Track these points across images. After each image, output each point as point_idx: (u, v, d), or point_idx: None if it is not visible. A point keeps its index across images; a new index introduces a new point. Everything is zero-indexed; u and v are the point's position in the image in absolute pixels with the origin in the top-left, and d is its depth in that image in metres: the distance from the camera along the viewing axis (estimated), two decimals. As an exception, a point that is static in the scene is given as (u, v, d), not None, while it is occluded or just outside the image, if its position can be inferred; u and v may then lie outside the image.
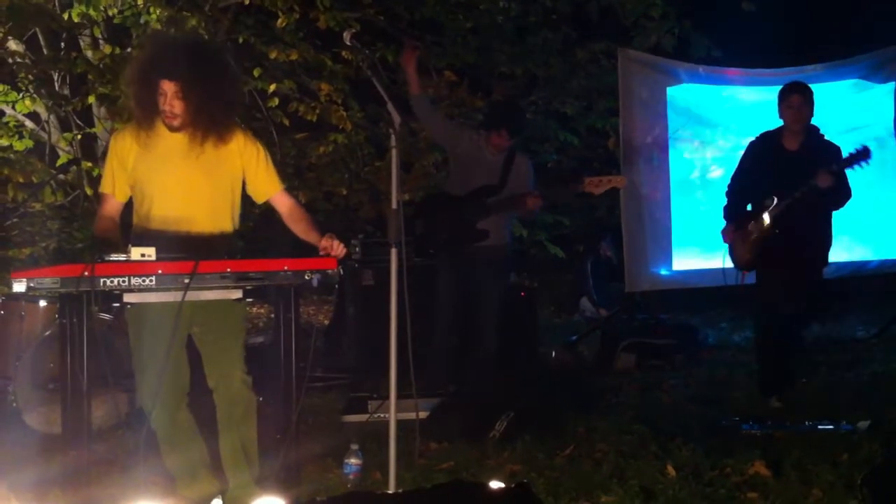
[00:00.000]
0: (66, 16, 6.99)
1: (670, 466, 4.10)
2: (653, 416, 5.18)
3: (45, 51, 7.50)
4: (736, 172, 5.70)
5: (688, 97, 8.11)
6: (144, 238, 3.51)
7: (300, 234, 3.82)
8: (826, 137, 5.55)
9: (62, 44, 7.44)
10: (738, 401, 5.65)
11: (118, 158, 3.69)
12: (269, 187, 3.82)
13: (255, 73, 7.84)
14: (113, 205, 3.75)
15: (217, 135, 3.63)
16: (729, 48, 8.57)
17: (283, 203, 3.85)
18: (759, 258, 5.48)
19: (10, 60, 7.15)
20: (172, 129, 3.59)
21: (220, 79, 3.61)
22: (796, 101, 5.40)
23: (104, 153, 5.73)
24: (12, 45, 7.23)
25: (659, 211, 7.87)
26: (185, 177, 3.64)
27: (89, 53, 7.29)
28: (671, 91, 7.95)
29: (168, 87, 3.52)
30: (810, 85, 5.55)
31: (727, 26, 8.67)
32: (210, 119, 3.58)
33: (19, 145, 7.45)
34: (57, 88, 7.51)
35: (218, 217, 3.70)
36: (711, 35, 8.48)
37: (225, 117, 3.65)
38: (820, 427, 4.70)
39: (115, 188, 3.72)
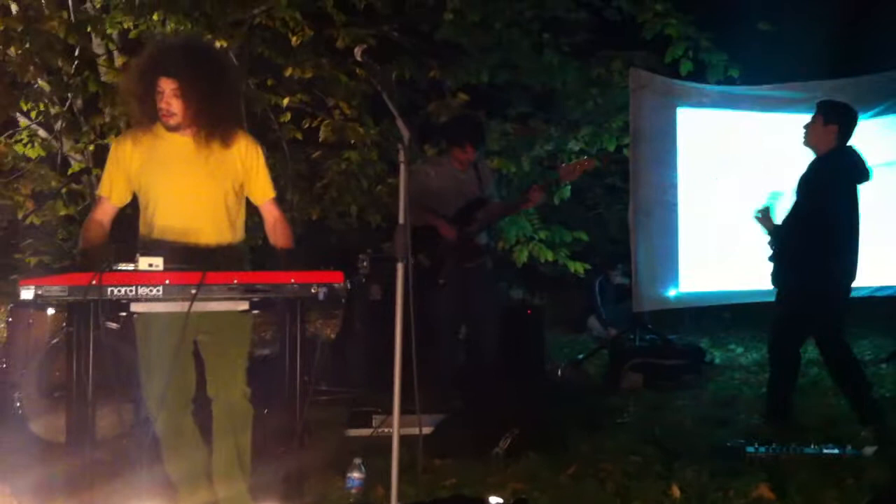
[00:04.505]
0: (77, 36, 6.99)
1: (675, 487, 4.09)
2: (658, 436, 5.16)
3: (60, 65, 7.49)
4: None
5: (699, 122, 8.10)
6: (151, 248, 3.49)
7: (276, 244, 3.85)
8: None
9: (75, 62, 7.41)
10: (745, 423, 5.63)
11: (118, 163, 3.70)
12: (266, 190, 3.83)
13: (269, 83, 7.85)
14: (107, 208, 3.76)
15: (220, 137, 3.64)
16: (748, 69, 8.52)
17: (272, 212, 3.87)
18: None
19: (31, 82, 7.16)
20: (169, 128, 3.59)
21: (219, 79, 3.61)
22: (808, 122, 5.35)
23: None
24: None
25: (667, 231, 7.84)
26: (190, 182, 3.65)
27: (103, 70, 7.31)
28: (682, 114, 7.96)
29: (166, 84, 3.52)
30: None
31: (746, 46, 8.62)
32: (212, 120, 3.58)
33: (32, 153, 7.50)
34: (69, 103, 7.53)
35: (223, 224, 3.71)
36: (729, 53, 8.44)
37: (227, 119, 3.65)
38: (825, 451, 4.67)
39: (111, 191, 3.73)
